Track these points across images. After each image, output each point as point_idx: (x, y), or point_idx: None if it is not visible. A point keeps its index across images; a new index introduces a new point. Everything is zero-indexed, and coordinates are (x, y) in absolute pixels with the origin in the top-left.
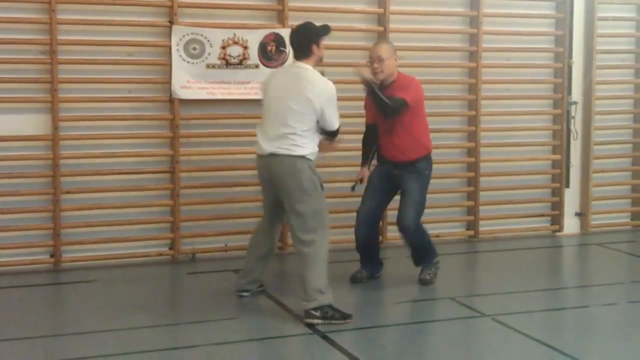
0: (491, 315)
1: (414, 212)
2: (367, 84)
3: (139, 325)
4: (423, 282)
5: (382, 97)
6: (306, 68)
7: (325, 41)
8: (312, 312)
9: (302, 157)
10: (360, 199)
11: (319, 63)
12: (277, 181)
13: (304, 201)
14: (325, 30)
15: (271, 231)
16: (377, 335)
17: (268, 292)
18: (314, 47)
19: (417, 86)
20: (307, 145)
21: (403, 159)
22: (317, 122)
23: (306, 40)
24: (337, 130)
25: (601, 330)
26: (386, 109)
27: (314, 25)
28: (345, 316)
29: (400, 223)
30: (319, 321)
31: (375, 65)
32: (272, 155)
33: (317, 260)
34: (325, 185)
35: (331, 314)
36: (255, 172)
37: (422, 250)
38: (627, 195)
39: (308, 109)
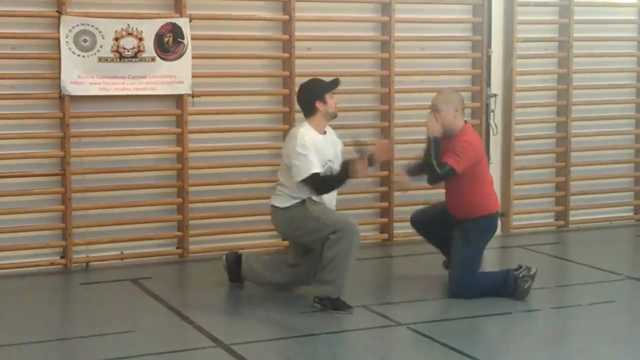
0: (406, 324)
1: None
2: (429, 139)
3: (27, 341)
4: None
5: (434, 163)
6: (299, 125)
7: (229, 31)
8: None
9: (286, 208)
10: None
11: (331, 117)
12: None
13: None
14: (331, 85)
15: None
16: (285, 347)
17: (169, 303)
18: (318, 104)
19: (476, 151)
20: (297, 197)
21: (454, 215)
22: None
23: (308, 98)
24: (314, 177)
25: (523, 338)
26: (432, 176)
27: (320, 81)
28: (345, 305)
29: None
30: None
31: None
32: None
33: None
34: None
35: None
36: (154, 173)
37: (495, 292)
38: (550, 194)
39: (285, 163)
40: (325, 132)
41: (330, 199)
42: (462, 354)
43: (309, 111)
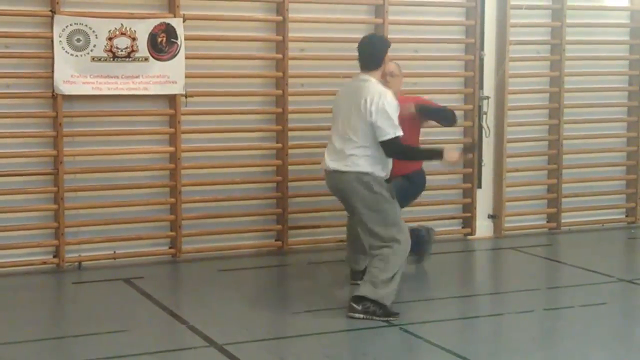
0: (399, 325)
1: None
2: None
3: (19, 340)
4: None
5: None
6: (369, 80)
7: (222, 32)
8: (355, 306)
9: (363, 173)
10: None
11: (383, 77)
12: (342, 198)
13: (369, 215)
14: (388, 45)
15: None
16: (278, 347)
17: (162, 303)
18: (386, 59)
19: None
20: (368, 161)
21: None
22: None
23: (379, 51)
24: (395, 139)
25: (516, 339)
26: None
27: (385, 38)
28: (389, 313)
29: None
30: (360, 315)
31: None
32: (335, 171)
33: (386, 267)
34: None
35: (373, 309)
36: (146, 173)
37: None
38: (542, 196)
39: (364, 123)
40: None
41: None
42: (454, 354)
43: (375, 64)
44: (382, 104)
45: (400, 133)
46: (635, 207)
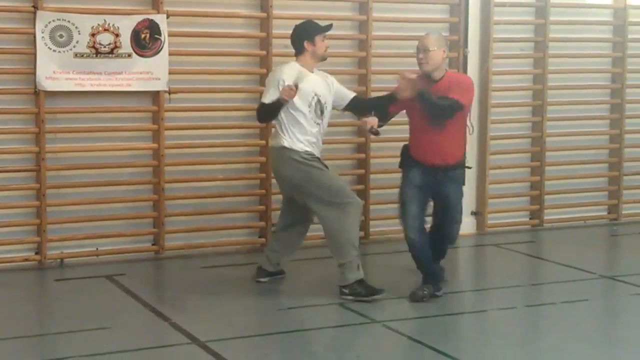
0: (382, 322)
1: (458, 214)
2: (410, 86)
3: (0, 337)
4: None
5: (435, 101)
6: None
7: (206, 28)
8: (343, 289)
9: (284, 147)
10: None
11: (319, 59)
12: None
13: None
14: (321, 28)
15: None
16: (261, 344)
17: (145, 300)
18: (306, 44)
19: (472, 85)
20: (286, 136)
21: (442, 164)
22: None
23: (297, 37)
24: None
25: (497, 336)
26: (442, 114)
27: (312, 23)
28: (373, 292)
29: (450, 237)
30: (350, 297)
31: (421, 55)
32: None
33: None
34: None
35: (358, 290)
36: (129, 169)
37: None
38: (525, 193)
39: None
40: (312, 72)
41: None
42: (437, 351)
43: (298, 50)
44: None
45: (263, 100)
46: (618, 204)
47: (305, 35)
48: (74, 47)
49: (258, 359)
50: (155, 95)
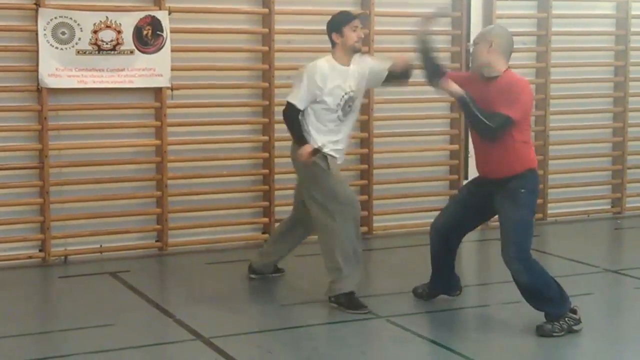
0: (385, 317)
1: (514, 245)
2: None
3: (5, 334)
4: (540, 332)
5: (479, 115)
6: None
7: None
8: (330, 296)
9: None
10: None
11: (350, 51)
12: None
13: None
14: (349, 17)
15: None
16: (265, 340)
17: (149, 296)
18: (334, 36)
19: (528, 95)
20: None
21: (494, 177)
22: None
23: (328, 31)
24: (287, 106)
25: (501, 330)
26: (484, 132)
27: (342, 14)
28: (356, 306)
29: (514, 279)
30: (335, 305)
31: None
32: None
33: (338, 245)
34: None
35: (342, 301)
36: (133, 166)
37: (535, 294)
38: None
39: None
40: (348, 64)
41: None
42: (441, 346)
43: (331, 44)
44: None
45: (292, 100)
46: (621, 198)
47: (333, 27)
48: (76, 44)
49: (262, 355)
50: (157, 92)
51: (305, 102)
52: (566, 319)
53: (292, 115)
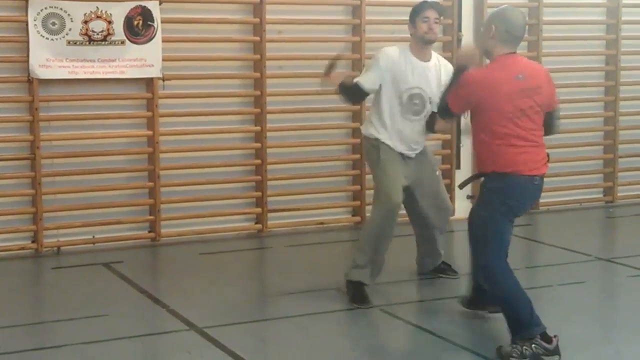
0: (378, 306)
1: (476, 244)
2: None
3: None
4: (497, 353)
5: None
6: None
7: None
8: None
9: (364, 136)
10: None
11: (421, 42)
12: None
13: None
14: (419, 7)
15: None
16: (258, 330)
17: (142, 287)
18: (409, 27)
19: (466, 89)
20: (371, 124)
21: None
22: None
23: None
24: (353, 85)
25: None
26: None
27: (417, 4)
28: (357, 299)
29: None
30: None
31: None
32: None
33: (362, 235)
34: None
35: (347, 289)
36: (125, 156)
37: (501, 307)
38: None
39: None
40: (428, 60)
41: (406, 136)
42: (433, 334)
43: (410, 32)
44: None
45: (359, 80)
46: (613, 186)
47: (409, 18)
48: (67, 34)
49: (256, 344)
50: (149, 82)
51: (369, 83)
52: (533, 345)
53: (353, 91)
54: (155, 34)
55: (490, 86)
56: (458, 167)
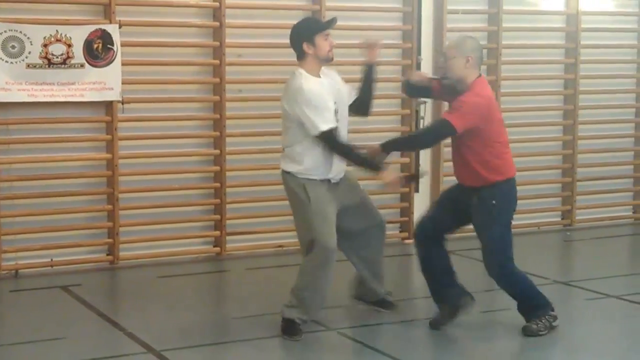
0: (336, 329)
1: (491, 254)
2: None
3: None
4: (525, 331)
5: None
6: (294, 74)
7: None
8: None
9: (289, 173)
10: None
11: (323, 62)
12: None
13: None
14: (320, 26)
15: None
16: (216, 353)
17: (100, 310)
18: (305, 46)
19: (479, 107)
20: (299, 160)
21: (468, 184)
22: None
23: (295, 40)
24: (327, 133)
25: (452, 343)
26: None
27: (309, 21)
28: (287, 332)
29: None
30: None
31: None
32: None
33: (299, 284)
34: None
35: (282, 325)
36: (84, 180)
37: (520, 299)
38: None
39: (290, 119)
40: (320, 76)
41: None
42: (392, 358)
43: (299, 54)
44: (305, 95)
45: (322, 127)
46: (571, 210)
47: (303, 36)
48: (26, 57)
49: None
50: (108, 105)
51: (332, 121)
52: (547, 316)
53: (333, 140)
54: (115, 58)
55: (493, 105)
56: (417, 191)
